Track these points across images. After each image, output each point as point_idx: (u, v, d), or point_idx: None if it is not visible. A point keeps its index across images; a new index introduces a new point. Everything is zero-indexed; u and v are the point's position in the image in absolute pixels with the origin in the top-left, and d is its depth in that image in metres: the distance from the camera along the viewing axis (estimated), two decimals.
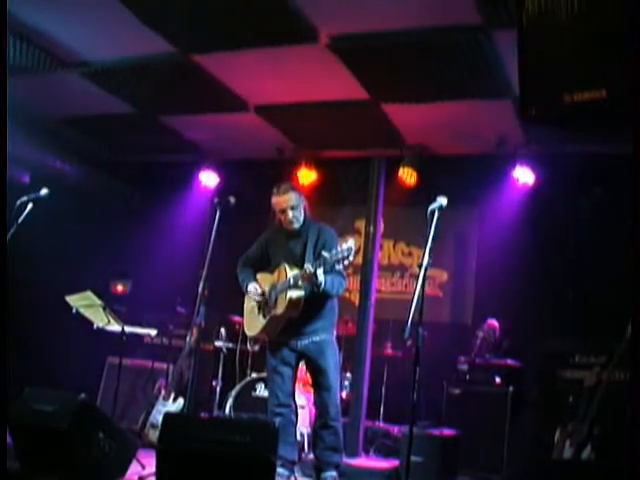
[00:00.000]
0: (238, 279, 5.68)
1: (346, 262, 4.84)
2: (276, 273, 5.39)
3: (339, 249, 4.80)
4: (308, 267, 4.96)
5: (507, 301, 7.65)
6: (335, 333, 5.54)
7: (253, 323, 5.55)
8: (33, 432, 4.74)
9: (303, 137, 7.97)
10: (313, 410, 5.95)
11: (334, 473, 5.30)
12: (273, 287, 5.36)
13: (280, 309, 5.23)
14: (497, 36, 5.41)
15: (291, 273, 5.16)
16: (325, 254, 4.84)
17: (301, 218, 5.44)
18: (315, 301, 5.25)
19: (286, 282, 5.16)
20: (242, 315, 5.77)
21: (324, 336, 5.34)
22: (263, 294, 5.44)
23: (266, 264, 5.61)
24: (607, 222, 7.06)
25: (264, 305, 5.43)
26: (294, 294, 5.15)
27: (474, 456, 6.38)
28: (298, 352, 5.36)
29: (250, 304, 5.58)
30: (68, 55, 6.46)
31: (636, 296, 3.18)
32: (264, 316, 5.41)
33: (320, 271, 4.94)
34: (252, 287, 5.51)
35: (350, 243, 4.79)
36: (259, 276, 5.61)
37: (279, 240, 5.56)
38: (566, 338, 6.64)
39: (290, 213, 5.38)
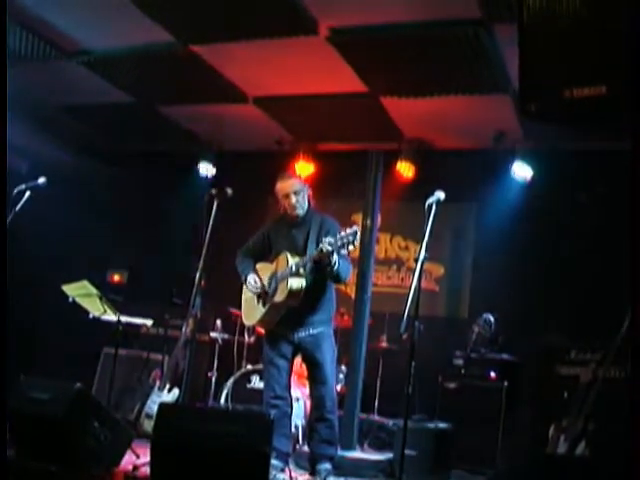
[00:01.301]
0: (237, 269, 5.67)
1: (350, 247, 4.82)
2: (276, 262, 5.38)
3: (343, 234, 4.80)
4: (325, 246, 4.86)
5: (503, 296, 7.65)
6: (333, 326, 5.54)
7: (252, 312, 5.53)
8: (29, 420, 4.74)
9: (301, 129, 7.96)
10: (308, 403, 5.96)
11: (329, 465, 5.32)
12: (273, 276, 5.35)
13: (280, 297, 5.22)
14: (497, 30, 5.41)
15: (292, 261, 5.15)
16: (330, 238, 4.84)
17: (305, 206, 5.44)
18: (314, 292, 5.25)
19: (287, 270, 5.15)
20: (239, 306, 5.76)
21: (322, 329, 5.34)
22: (262, 287, 5.43)
23: (268, 254, 5.59)
24: (605, 218, 7.06)
25: (264, 294, 5.42)
26: (295, 282, 5.14)
27: (468, 450, 6.38)
28: (295, 344, 5.36)
29: (249, 293, 5.57)
30: (68, 44, 6.45)
31: (635, 293, 3.18)
32: (264, 305, 5.39)
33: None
34: (251, 278, 5.48)
35: (355, 228, 4.80)
36: (258, 266, 5.58)
37: (282, 229, 5.55)
38: (562, 334, 6.65)
39: (293, 198, 5.37)
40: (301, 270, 5.11)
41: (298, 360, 5.75)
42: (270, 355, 5.41)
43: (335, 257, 4.94)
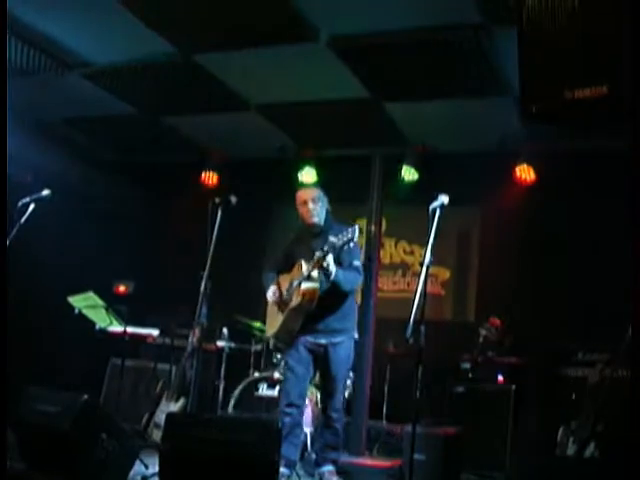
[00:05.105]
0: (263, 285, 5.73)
1: (351, 244, 4.94)
2: (294, 270, 5.43)
3: (344, 232, 4.90)
4: (317, 254, 5.02)
5: (509, 299, 7.64)
6: (356, 334, 5.60)
7: (273, 322, 5.60)
8: (37, 432, 4.74)
9: (304, 136, 7.97)
10: (315, 410, 5.98)
11: (331, 467, 5.40)
12: (291, 284, 5.40)
13: (294, 302, 5.29)
14: (498, 34, 5.41)
15: (306, 266, 5.21)
16: (332, 238, 4.92)
17: (322, 215, 5.51)
18: (332, 298, 5.30)
19: (301, 276, 5.20)
20: (246, 314, 5.78)
21: (343, 337, 5.41)
22: (280, 294, 5.49)
23: (291, 265, 5.64)
24: (609, 219, 7.04)
25: (283, 302, 5.46)
26: (307, 286, 5.20)
27: (477, 454, 6.36)
28: (315, 353, 5.39)
29: (273, 307, 5.62)
30: (70, 57, 6.47)
31: (635, 295, 3.17)
32: (282, 312, 5.44)
33: (330, 258, 5.00)
34: (270, 291, 5.57)
35: (355, 226, 4.91)
36: (280, 277, 5.65)
37: (302, 241, 5.61)
38: (569, 336, 6.63)
39: (310, 204, 5.45)
40: (314, 274, 5.14)
41: None
42: (290, 363, 5.47)
43: (332, 267, 5.03)
